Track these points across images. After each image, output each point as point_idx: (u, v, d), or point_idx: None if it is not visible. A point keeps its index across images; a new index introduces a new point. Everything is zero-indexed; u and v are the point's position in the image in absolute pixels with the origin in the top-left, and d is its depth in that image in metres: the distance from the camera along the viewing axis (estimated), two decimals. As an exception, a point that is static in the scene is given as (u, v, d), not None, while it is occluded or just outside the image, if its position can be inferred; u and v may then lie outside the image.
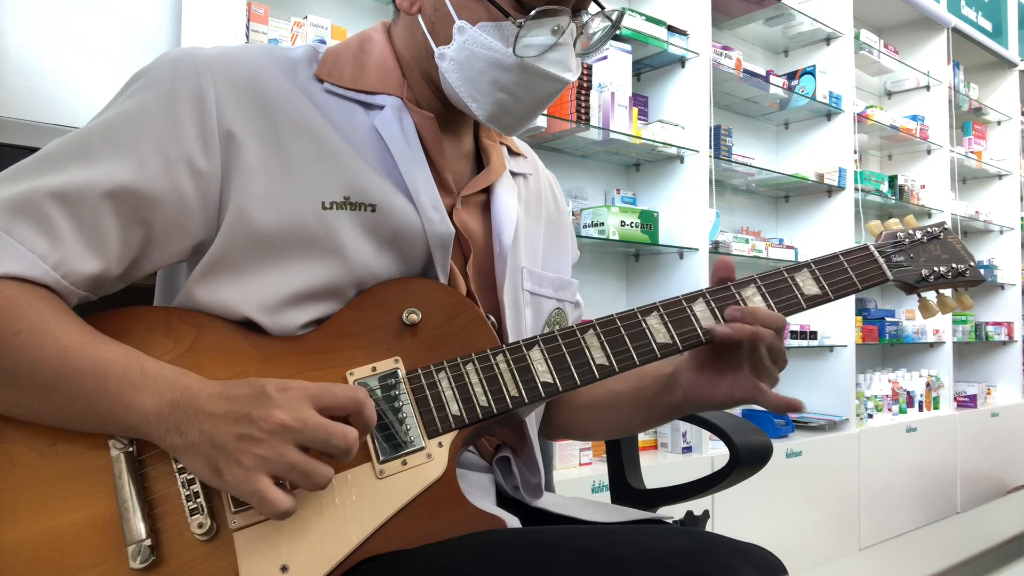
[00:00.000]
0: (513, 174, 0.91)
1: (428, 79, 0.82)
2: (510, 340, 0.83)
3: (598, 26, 0.81)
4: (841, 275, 0.84)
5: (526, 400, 0.74)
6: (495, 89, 0.77)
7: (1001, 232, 4.36)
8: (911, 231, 0.89)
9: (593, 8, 0.80)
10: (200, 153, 0.71)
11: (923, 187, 3.80)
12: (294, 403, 0.61)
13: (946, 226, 0.91)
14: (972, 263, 0.89)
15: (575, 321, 1.00)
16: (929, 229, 0.90)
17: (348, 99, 0.80)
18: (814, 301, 0.82)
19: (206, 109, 0.72)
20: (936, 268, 0.87)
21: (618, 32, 0.88)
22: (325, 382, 0.65)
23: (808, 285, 0.83)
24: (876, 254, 0.86)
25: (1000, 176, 4.40)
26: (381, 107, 0.80)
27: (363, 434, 0.64)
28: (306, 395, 0.62)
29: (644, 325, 0.78)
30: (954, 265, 0.88)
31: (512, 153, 0.93)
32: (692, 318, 0.79)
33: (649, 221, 2.47)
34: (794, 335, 3.00)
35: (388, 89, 0.80)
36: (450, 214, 0.81)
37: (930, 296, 0.89)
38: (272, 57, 0.78)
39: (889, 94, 4.04)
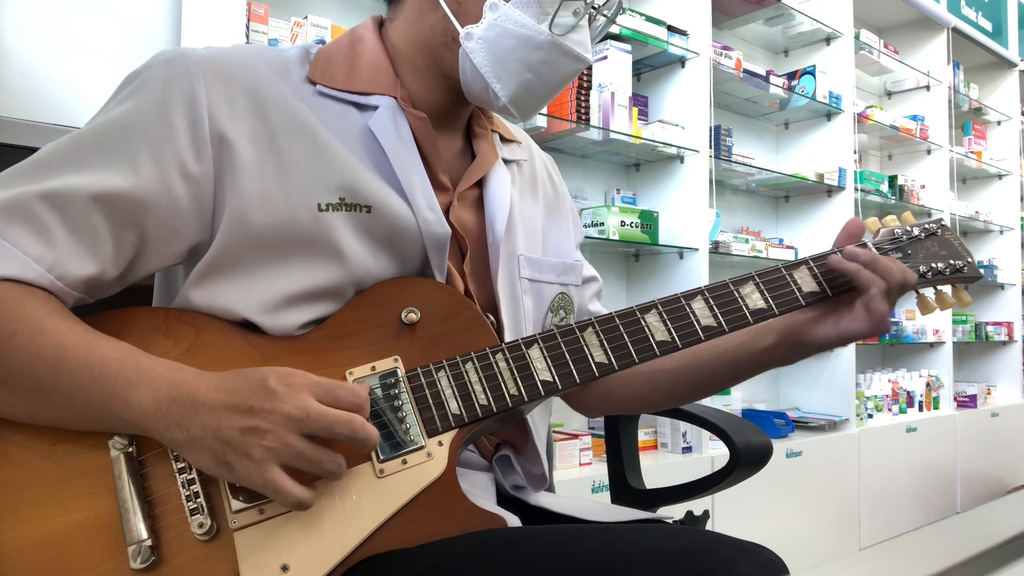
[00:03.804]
0: (507, 161, 0.91)
1: (435, 69, 0.82)
2: (507, 330, 0.83)
3: (600, 19, 0.82)
4: (839, 272, 0.84)
5: (526, 398, 0.74)
6: (522, 68, 0.77)
7: (1001, 232, 4.36)
8: (908, 228, 0.89)
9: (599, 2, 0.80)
10: (192, 158, 0.72)
11: (923, 187, 3.80)
12: (297, 394, 0.62)
13: (943, 222, 0.91)
14: (970, 259, 0.89)
15: (591, 297, 1.01)
16: (926, 226, 0.90)
17: (341, 100, 0.79)
18: (812, 298, 0.83)
19: (198, 113, 0.72)
20: (934, 265, 0.87)
21: (615, 26, 0.88)
22: (328, 379, 0.65)
23: (806, 282, 0.83)
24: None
25: (1000, 176, 4.40)
26: (375, 107, 0.80)
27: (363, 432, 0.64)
28: (308, 389, 0.63)
29: (643, 323, 0.79)
30: (952, 262, 0.88)
31: (504, 140, 0.93)
32: (691, 315, 0.80)
33: (649, 221, 2.47)
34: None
35: (381, 89, 0.80)
36: (448, 212, 0.81)
37: (928, 293, 0.89)
38: (265, 58, 0.78)
39: (889, 94, 4.04)
